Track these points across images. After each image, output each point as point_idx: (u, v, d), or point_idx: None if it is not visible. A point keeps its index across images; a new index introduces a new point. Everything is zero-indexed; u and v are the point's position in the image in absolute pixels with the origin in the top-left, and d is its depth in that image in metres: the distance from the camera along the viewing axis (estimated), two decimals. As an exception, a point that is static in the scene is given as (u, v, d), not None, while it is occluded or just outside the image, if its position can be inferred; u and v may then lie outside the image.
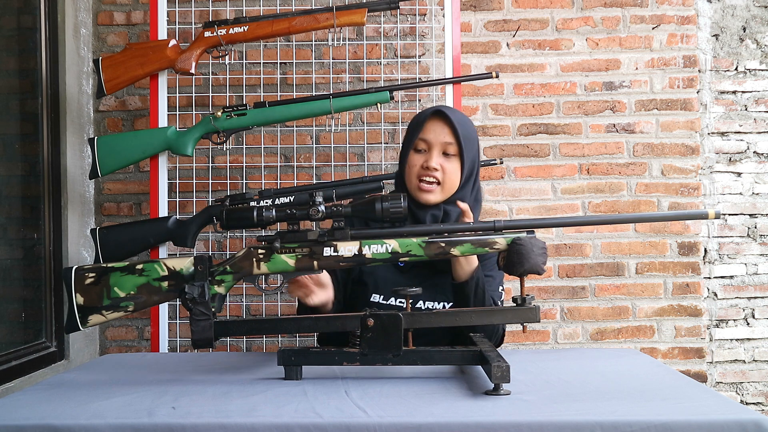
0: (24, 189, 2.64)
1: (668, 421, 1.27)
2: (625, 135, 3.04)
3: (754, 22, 3.10)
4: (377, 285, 1.89)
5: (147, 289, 1.60)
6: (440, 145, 1.86)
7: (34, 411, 1.39)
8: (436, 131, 1.87)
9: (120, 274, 1.59)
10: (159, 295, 1.61)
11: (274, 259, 1.58)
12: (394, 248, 1.56)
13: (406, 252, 1.56)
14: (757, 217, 3.09)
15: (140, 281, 1.60)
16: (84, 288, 1.59)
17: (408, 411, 1.35)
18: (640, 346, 2.99)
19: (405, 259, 1.57)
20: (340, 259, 1.56)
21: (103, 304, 1.59)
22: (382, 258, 1.56)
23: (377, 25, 2.99)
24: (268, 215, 1.57)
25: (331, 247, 1.56)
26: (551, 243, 3.01)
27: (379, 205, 1.56)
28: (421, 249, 1.56)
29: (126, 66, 2.53)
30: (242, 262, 1.61)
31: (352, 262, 1.56)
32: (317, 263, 1.57)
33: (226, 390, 1.53)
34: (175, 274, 1.60)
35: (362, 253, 1.56)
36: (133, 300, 1.60)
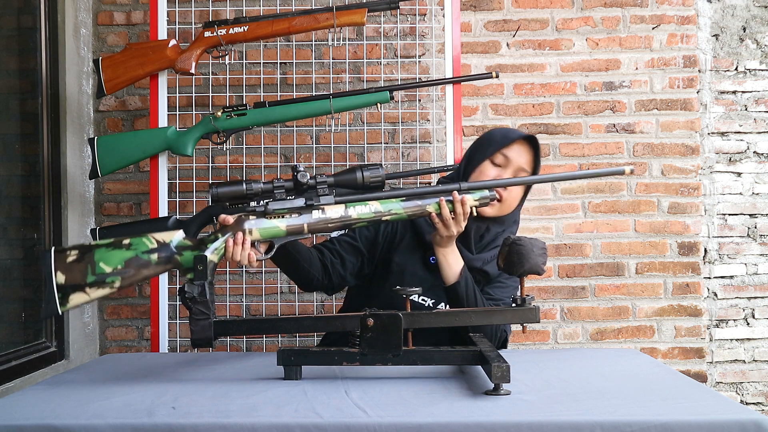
0: (24, 189, 2.64)
1: (668, 421, 1.27)
2: (625, 135, 3.04)
3: (754, 22, 3.10)
4: (403, 278, 1.91)
5: (136, 263, 1.54)
6: (517, 168, 1.92)
7: (34, 411, 1.40)
8: (522, 155, 1.92)
9: (106, 250, 1.53)
10: (148, 269, 1.56)
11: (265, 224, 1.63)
12: (377, 208, 1.64)
13: (387, 211, 1.64)
14: (757, 217, 3.09)
15: (128, 255, 1.54)
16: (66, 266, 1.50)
17: (408, 411, 1.35)
18: (640, 346, 2.99)
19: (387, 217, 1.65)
20: (329, 221, 1.62)
21: (86, 281, 1.51)
22: (366, 218, 1.63)
23: (377, 25, 2.99)
24: (256, 186, 1.62)
25: (320, 210, 1.63)
26: (551, 243, 3.01)
27: (359, 173, 1.65)
28: (401, 208, 1.65)
29: (126, 66, 2.53)
30: (234, 228, 1.63)
31: (339, 223, 1.63)
32: (307, 226, 1.62)
33: (226, 390, 1.53)
34: (163, 246, 1.57)
35: (348, 214, 1.63)
36: (121, 275, 1.52)
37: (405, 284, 1.87)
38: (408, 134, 2.99)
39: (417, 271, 1.92)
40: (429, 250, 1.90)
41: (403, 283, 1.90)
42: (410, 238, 1.95)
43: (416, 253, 1.94)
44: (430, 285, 1.89)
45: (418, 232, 1.94)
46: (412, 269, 1.92)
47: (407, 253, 1.94)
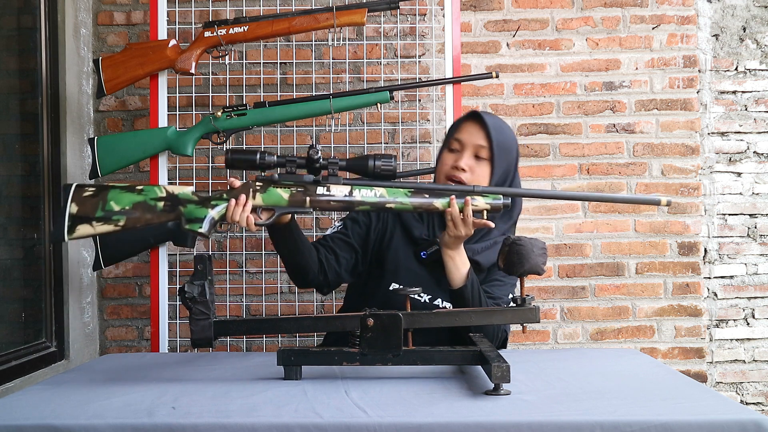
0: (24, 189, 2.64)
1: (668, 421, 1.27)
2: (625, 135, 3.04)
3: (754, 22, 3.10)
4: (397, 273, 1.91)
5: (142, 207, 1.59)
6: (473, 147, 1.89)
7: (34, 411, 1.40)
8: (471, 132, 1.91)
9: (119, 191, 1.59)
10: (152, 214, 1.60)
11: (269, 192, 1.64)
12: (383, 194, 1.63)
13: (393, 198, 1.63)
14: (757, 217, 3.09)
15: (137, 198, 1.59)
16: (81, 199, 1.58)
17: (408, 411, 1.35)
18: (640, 346, 2.99)
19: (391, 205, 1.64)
20: (332, 199, 1.63)
21: (95, 215, 1.57)
22: (369, 201, 1.63)
23: (377, 25, 2.99)
24: (270, 159, 1.65)
25: (325, 187, 1.63)
26: (551, 243, 3.01)
27: (372, 161, 1.65)
28: (407, 198, 1.63)
29: (126, 66, 2.53)
30: (239, 190, 1.65)
31: (342, 203, 1.63)
32: (309, 199, 1.63)
33: (226, 390, 1.53)
34: (171, 197, 1.61)
35: (353, 196, 1.63)
36: (126, 215, 1.58)
37: (400, 280, 1.90)
38: (408, 134, 2.99)
39: (411, 266, 1.92)
40: (419, 245, 1.91)
41: (399, 279, 1.90)
42: (400, 234, 1.95)
43: (408, 249, 1.94)
44: (425, 280, 1.89)
45: (406, 227, 1.95)
46: (406, 265, 1.92)
47: (399, 250, 1.94)
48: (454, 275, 1.81)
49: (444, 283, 1.86)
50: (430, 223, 1.94)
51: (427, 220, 1.95)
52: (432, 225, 1.93)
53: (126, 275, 3.01)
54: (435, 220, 1.94)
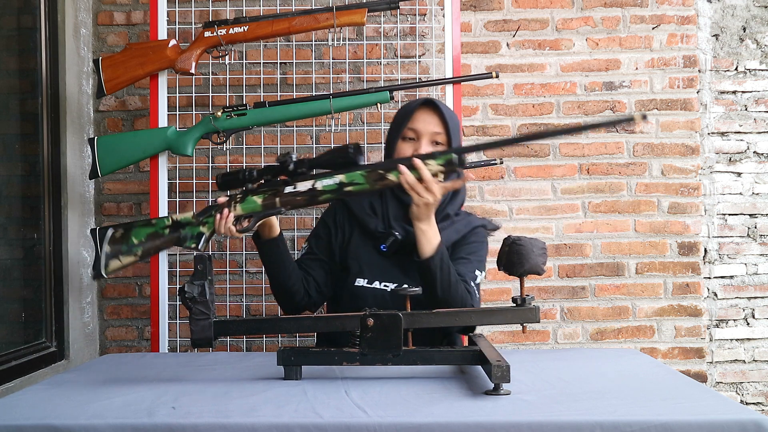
0: (24, 189, 2.64)
1: (668, 421, 1.27)
2: (625, 135, 3.04)
3: (754, 22, 3.10)
4: (361, 269, 1.95)
5: (153, 236, 1.80)
6: (429, 134, 1.93)
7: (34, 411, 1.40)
8: (426, 121, 1.93)
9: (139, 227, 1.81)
10: (160, 240, 1.80)
11: (247, 200, 1.76)
12: (341, 180, 1.69)
13: (350, 181, 1.68)
14: (757, 217, 3.09)
15: (150, 230, 1.80)
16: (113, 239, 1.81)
17: (408, 411, 1.35)
18: (640, 346, 2.99)
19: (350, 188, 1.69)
20: (297, 194, 1.72)
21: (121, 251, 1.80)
22: (330, 189, 1.69)
23: (377, 25, 2.99)
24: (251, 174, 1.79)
25: (292, 186, 1.73)
26: (551, 243, 3.01)
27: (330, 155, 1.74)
28: (363, 178, 1.67)
29: (126, 66, 2.53)
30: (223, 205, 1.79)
31: (306, 196, 1.72)
32: (279, 200, 1.74)
33: (226, 390, 1.53)
34: (175, 223, 1.80)
35: (315, 187, 1.71)
36: (142, 246, 1.79)
37: (365, 275, 1.94)
38: (408, 134, 2.99)
39: (373, 260, 1.95)
40: (378, 240, 1.94)
41: (363, 274, 1.94)
42: (358, 233, 1.99)
43: (367, 245, 1.97)
44: (389, 271, 1.93)
45: (362, 225, 1.98)
46: (368, 259, 1.95)
47: (359, 247, 1.98)
48: (424, 247, 1.79)
49: (410, 269, 1.89)
50: (384, 215, 1.97)
51: (381, 212, 1.98)
52: (386, 217, 1.96)
53: (126, 275, 3.01)
54: (388, 211, 1.96)
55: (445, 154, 1.68)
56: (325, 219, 2.06)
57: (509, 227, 3.01)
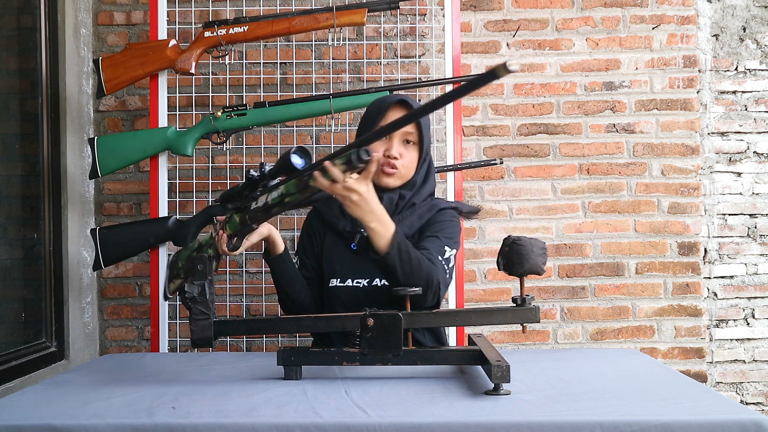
0: (24, 189, 2.64)
1: (668, 421, 1.27)
2: (625, 135, 3.04)
3: (754, 22, 3.10)
4: (333, 269, 1.96)
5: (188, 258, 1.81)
6: (401, 133, 1.92)
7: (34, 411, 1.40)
8: None
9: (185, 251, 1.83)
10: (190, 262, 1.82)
11: (231, 221, 1.75)
12: (282, 191, 1.66)
13: (287, 192, 1.65)
14: (757, 217, 3.09)
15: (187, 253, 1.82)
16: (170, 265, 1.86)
17: (408, 411, 1.35)
18: (640, 346, 2.99)
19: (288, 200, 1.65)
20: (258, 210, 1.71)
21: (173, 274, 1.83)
22: (276, 203, 1.67)
23: (377, 25, 2.99)
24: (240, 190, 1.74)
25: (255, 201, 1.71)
26: (551, 243, 3.01)
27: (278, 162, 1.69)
28: (294, 188, 1.64)
29: (126, 66, 2.53)
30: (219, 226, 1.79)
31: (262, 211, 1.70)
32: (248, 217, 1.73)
33: (226, 390, 1.53)
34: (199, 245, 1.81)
35: (268, 202, 1.69)
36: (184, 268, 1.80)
37: (337, 275, 1.94)
38: (408, 134, 2.99)
39: (345, 259, 1.96)
40: (348, 238, 1.95)
41: (336, 274, 1.94)
42: (331, 235, 2.01)
43: (339, 245, 1.98)
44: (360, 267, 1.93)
45: (333, 227, 2.00)
46: (340, 259, 1.96)
47: (332, 248, 1.99)
48: (378, 244, 1.73)
49: None
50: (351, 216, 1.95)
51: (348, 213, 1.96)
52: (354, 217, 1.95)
53: (126, 275, 3.01)
54: None
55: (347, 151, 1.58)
56: (305, 229, 2.07)
57: (509, 227, 3.01)
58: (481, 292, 3.00)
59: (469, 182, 2.99)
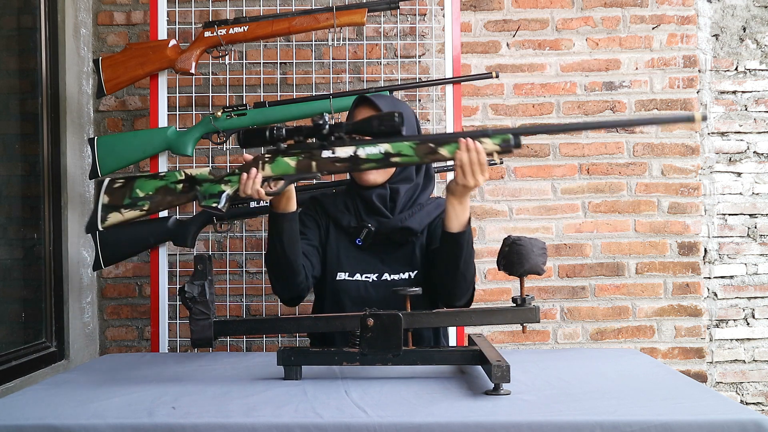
0: (24, 189, 2.64)
1: (668, 421, 1.27)
2: (625, 135, 3.04)
3: (754, 22, 3.10)
4: (341, 263, 1.96)
5: (163, 191, 1.68)
6: None
7: (34, 411, 1.40)
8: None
9: (145, 180, 1.69)
10: (172, 196, 1.68)
11: (277, 161, 1.65)
12: (387, 149, 1.60)
13: (397, 152, 1.60)
14: (757, 217, 3.09)
15: (159, 184, 1.68)
16: (112, 190, 1.69)
17: (408, 411, 1.35)
18: (640, 346, 2.99)
19: (396, 159, 1.61)
20: (337, 160, 1.62)
21: (123, 203, 1.68)
22: (375, 158, 1.61)
23: (377, 25, 2.99)
24: (279, 133, 1.66)
25: (330, 150, 1.63)
26: (551, 243, 3.01)
27: (375, 120, 1.63)
28: (411, 149, 1.60)
29: (126, 66, 2.53)
30: (249, 164, 1.68)
31: (347, 163, 1.63)
32: (315, 164, 1.64)
33: (226, 390, 1.53)
34: (190, 179, 1.68)
35: (357, 154, 1.61)
36: (150, 200, 1.67)
37: (344, 269, 1.94)
38: (408, 134, 2.99)
39: (351, 253, 1.96)
40: (352, 234, 1.95)
41: (342, 268, 1.94)
42: (333, 228, 2.00)
43: (343, 240, 1.98)
44: (367, 262, 1.94)
45: (336, 222, 1.99)
46: (345, 252, 1.96)
47: (336, 241, 1.98)
48: (452, 222, 1.77)
49: (388, 259, 1.92)
50: (356, 211, 1.97)
51: (353, 208, 1.98)
52: (358, 213, 1.97)
53: (126, 275, 3.01)
54: (360, 207, 1.97)
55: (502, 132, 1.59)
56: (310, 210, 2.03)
57: (509, 227, 3.01)
58: (481, 292, 2.99)
59: (469, 182, 2.99)
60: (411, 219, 1.94)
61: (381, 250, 1.95)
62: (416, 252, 1.96)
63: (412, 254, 1.95)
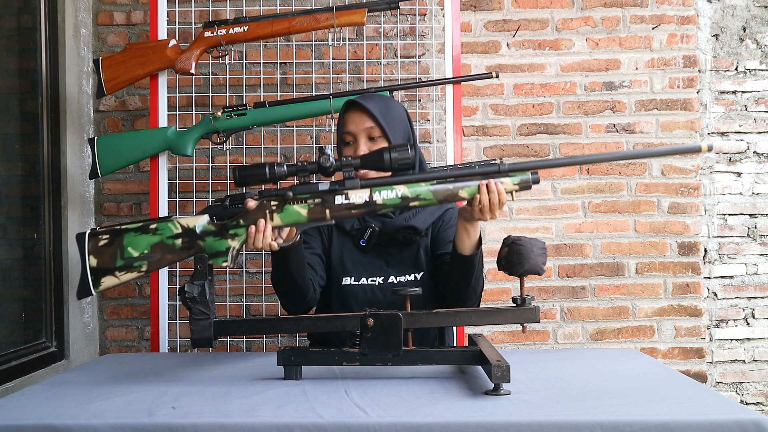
0: (24, 189, 2.64)
1: (668, 421, 1.27)
2: (625, 135, 3.04)
3: (754, 22, 3.10)
4: (345, 268, 1.94)
5: (161, 248, 1.58)
6: (363, 132, 1.91)
7: (34, 411, 1.40)
8: (356, 121, 1.92)
9: (134, 234, 1.58)
10: (173, 254, 1.59)
11: (286, 210, 1.58)
12: (404, 193, 1.56)
13: (415, 197, 1.57)
14: (757, 217, 3.09)
15: (154, 240, 1.59)
16: (98, 250, 1.58)
17: (408, 411, 1.35)
18: (640, 346, 2.99)
19: (415, 203, 1.58)
20: (352, 206, 1.56)
21: (116, 265, 1.58)
22: (392, 203, 1.56)
23: (377, 25, 2.99)
24: (280, 170, 1.57)
25: (343, 195, 1.56)
26: (551, 243, 3.01)
27: (387, 154, 1.57)
28: (430, 193, 1.57)
29: (126, 66, 2.53)
30: (255, 213, 1.60)
31: (363, 209, 1.56)
32: (329, 212, 1.57)
33: (226, 390, 1.53)
34: (188, 232, 1.59)
35: (373, 200, 1.56)
36: (147, 259, 1.58)
37: (349, 273, 1.93)
38: (408, 134, 2.99)
39: (355, 257, 1.95)
40: (355, 237, 1.94)
41: (347, 272, 1.93)
42: (336, 232, 1.99)
43: (347, 243, 1.97)
44: (371, 265, 1.93)
45: (338, 225, 1.98)
46: (350, 256, 1.95)
47: (340, 244, 1.97)
48: (464, 243, 1.77)
49: (393, 260, 1.91)
50: None
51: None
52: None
53: (126, 275, 3.01)
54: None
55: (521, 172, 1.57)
56: None
57: (509, 227, 3.01)
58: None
59: (469, 182, 2.99)
60: (415, 218, 1.95)
61: (385, 251, 1.95)
62: (421, 253, 1.95)
63: (416, 255, 1.95)
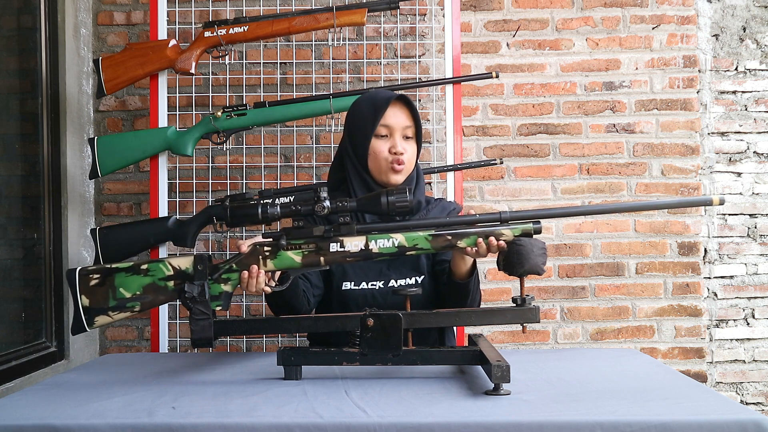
0: (24, 189, 2.64)
1: (668, 421, 1.27)
2: (625, 135, 3.04)
3: (754, 22, 3.10)
4: (345, 272, 1.92)
5: (153, 289, 1.60)
6: (401, 129, 1.92)
7: (34, 411, 1.40)
8: (397, 116, 1.92)
9: (125, 275, 1.60)
10: (165, 295, 1.60)
11: (280, 256, 1.59)
12: (401, 242, 1.57)
13: (412, 246, 1.57)
14: (757, 217, 3.09)
15: (146, 281, 1.60)
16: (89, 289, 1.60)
17: (408, 411, 1.35)
18: (640, 346, 2.99)
19: (412, 252, 1.58)
20: (347, 254, 1.56)
21: (109, 305, 1.60)
22: (389, 252, 1.57)
23: (377, 25, 2.99)
24: (272, 212, 1.57)
25: (338, 243, 1.57)
26: (551, 243, 3.01)
27: (384, 198, 1.57)
28: (427, 242, 1.57)
29: (126, 66, 2.53)
30: (248, 259, 1.61)
31: (359, 257, 1.57)
32: (323, 259, 1.58)
33: (226, 390, 1.53)
34: (180, 274, 1.60)
35: (369, 248, 1.56)
36: (140, 300, 1.60)
37: (350, 278, 1.91)
38: (408, 134, 2.99)
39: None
40: None
41: (348, 277, 1.92)
42: None
43: None
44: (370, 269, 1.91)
45: None
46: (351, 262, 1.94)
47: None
48: (460, 270, 1.80)
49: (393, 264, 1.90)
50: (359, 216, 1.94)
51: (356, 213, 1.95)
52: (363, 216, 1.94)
53: (126, 275, 3.00)
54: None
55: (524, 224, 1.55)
56: None
57: (509, 227, 3.01)
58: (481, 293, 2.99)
59: (469, 182, 2.99)
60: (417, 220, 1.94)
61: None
62: (422, 256, 1.94)
63: (417, 259, 1.93)
